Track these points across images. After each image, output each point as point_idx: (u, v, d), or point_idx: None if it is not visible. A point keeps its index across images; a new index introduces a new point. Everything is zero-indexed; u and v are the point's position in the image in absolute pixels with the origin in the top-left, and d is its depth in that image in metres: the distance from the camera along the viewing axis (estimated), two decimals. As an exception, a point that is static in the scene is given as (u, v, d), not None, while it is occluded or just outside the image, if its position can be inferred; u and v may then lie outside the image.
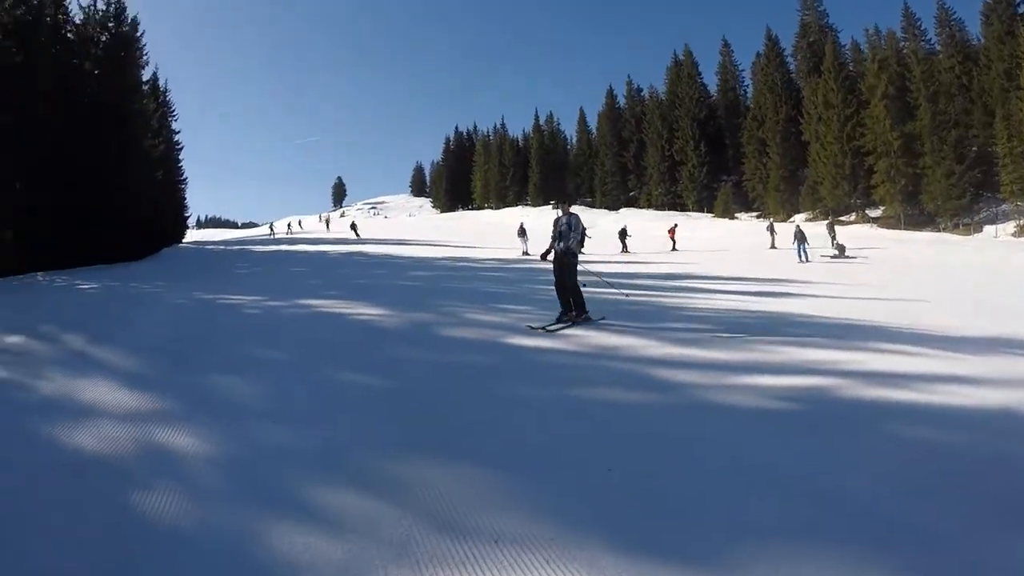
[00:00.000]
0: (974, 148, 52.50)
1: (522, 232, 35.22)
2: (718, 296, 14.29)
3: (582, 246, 10.19)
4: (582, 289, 10.13)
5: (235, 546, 3.18)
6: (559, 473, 4.03)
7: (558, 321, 9.69)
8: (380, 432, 4.89)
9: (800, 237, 28.59)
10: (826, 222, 37.76)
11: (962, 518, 3.32)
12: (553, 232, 10.30)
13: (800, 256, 27.77)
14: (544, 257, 10.49)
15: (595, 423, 5.07)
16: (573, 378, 6.60)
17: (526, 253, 32.36)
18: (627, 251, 34.50)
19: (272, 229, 77.13)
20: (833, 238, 32.28)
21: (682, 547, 3.10)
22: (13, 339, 9.28)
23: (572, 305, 9.86)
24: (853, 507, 3.45)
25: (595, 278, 12.17)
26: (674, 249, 35.93)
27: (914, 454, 4.30)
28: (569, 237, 9.98)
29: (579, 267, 10.08)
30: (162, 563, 3.08)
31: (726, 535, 3.20)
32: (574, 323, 9.63)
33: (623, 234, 36.52)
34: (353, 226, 58.58)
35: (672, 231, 39.00)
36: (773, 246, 34.95)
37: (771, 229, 37.35)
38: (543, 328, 9.21)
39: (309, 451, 4.48)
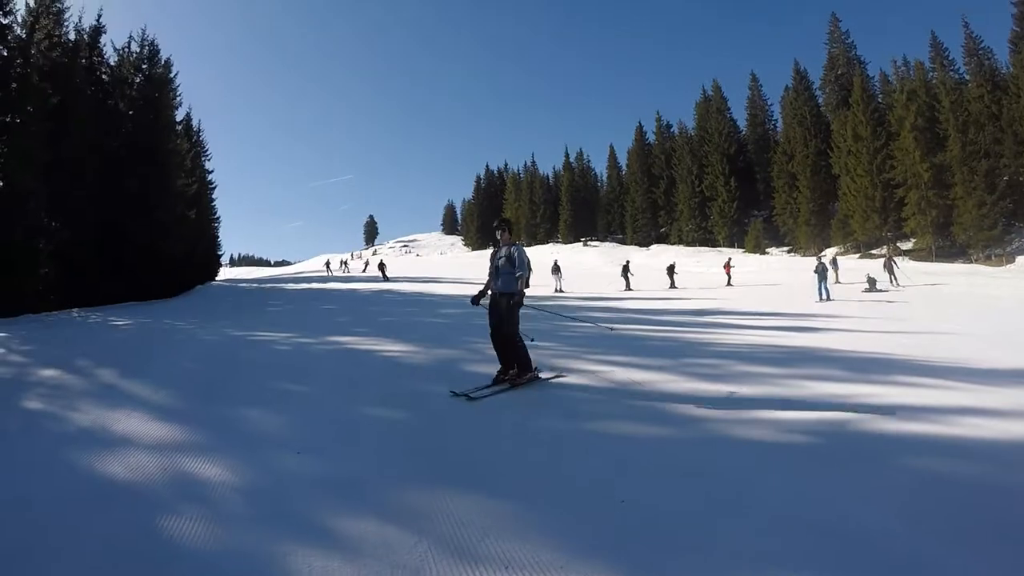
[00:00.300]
0: (1005, 177, 51.94)
1: (556, 269, 35.36)
2: (744, 332, 14.25)
3: (527, 285, 8.08)
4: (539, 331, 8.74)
5: (257, 569, 3.31)
6: (573, 503, 4.13)
7: (493, 383, 7.98)
8: (400, 463, 5.02)
9: (821, 272, 25.86)
10: (883, 257, 34.95)
11: (980, 553, 3.36)
12: (489, 268, 8.46)
13: (820, 294, 25.06)
14: (476, 301, 8.71)
15: (611, 456, 5.15)
16: (592, 412, 6.68)
17: (559, 290, 32.42)
18: (675, 287, 34.31)
19: (328, 267, 69.01)
20: (892, 274, 30.85)
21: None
22: (49, 372, 9.52)
23: (512, 362, 8.12)
24: (867, 541, 3.50)
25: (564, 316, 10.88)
26: (729, 284, 35.61)
27: (933, 488, 4.34)
28: (512, 276, 8.03)
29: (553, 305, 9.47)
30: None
31: (737, 568, 3.27)
32: (514, 386, 7.86)
33: (671, 270, 36.44)
34: (381, 266, 50.81)
35: (727, 266, 38.68)
36: (837, 281, 33.12)
37: (834, 264, 35.46)
38: (466, 395, 7.37)
39: (331, 480, 4.61)
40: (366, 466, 4.93)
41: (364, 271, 66.32)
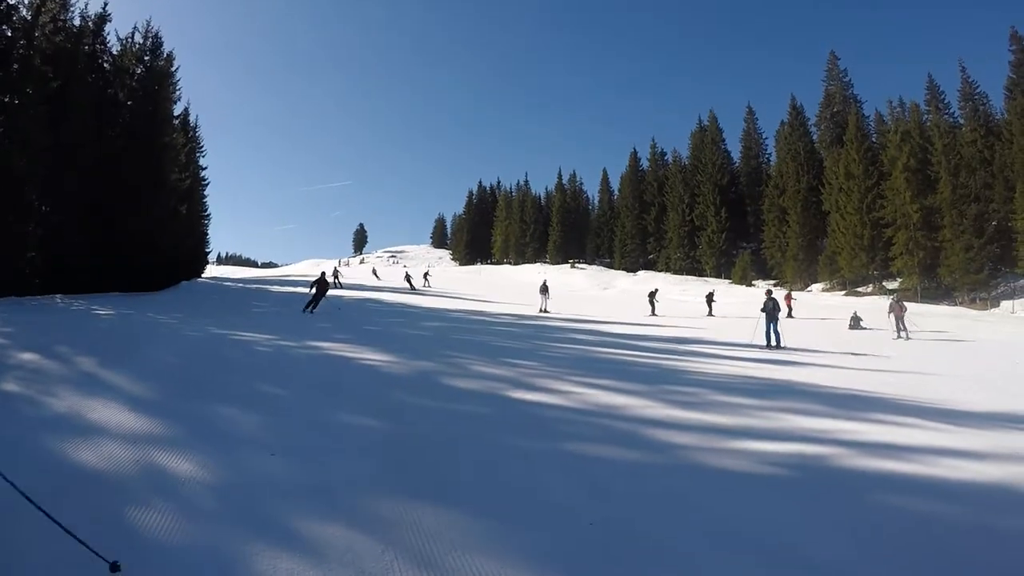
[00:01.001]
0: (994, 222, 52.10)
1: (544, 289, 35.10)
2: (727, 362, 14.28)
3: None
4: None
5: (222, 566, 3.26)
6: (544, 522, 4.09)
7: None
8: (371, 471, 4.98)
9: (771, 311, 20.10)
10: (889, 300, 28.12)
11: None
12: None
13: (769, 338, 19.31)
14: None
15: (585, 477, 5.12)
16: (570, 433, 6.65)
17: (544, 310, 32.16)
18: (712, 315, 33.73)
19: (410, 280, 50.11)
20: (899, 319, 25.18)
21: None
22: (28, 356, 9.42)
23: None
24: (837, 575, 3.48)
25: None
26: (790, 315, 34.61)
27: (905, 526, 4.34)
28: None
29: None
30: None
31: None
32: None
33: (710, 298, 36.07)
34: (425, 276, 48.82)
35: (788, 297, 37.56)
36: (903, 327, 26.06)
37: (900, 304, 27.66)
38: None
39: (302, 484, 4.56)
40: (338, 472, 4.89)
41: (377, 278, 58.96)
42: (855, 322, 28.35)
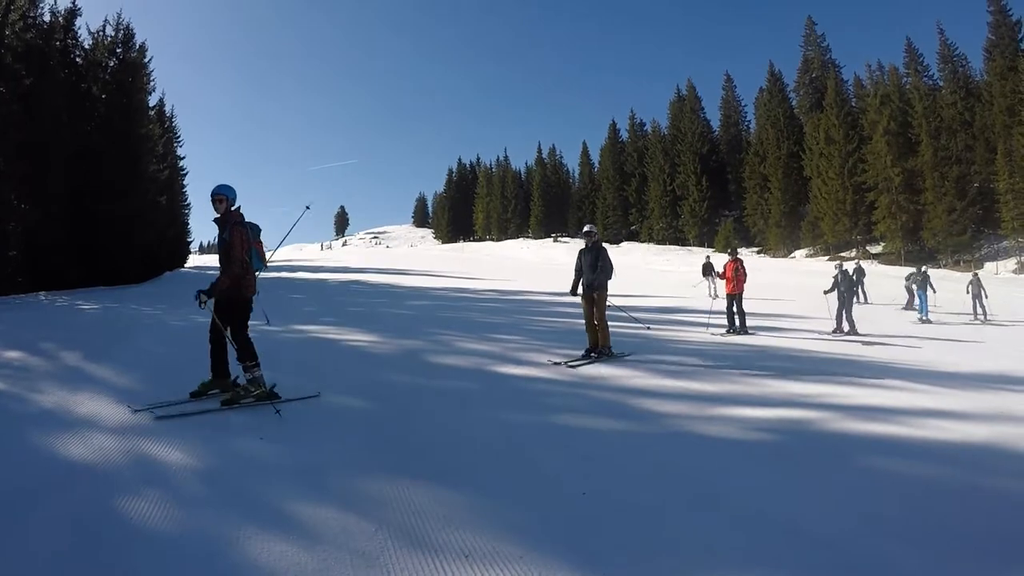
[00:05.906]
0: (975, 184, 52.31)
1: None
2: (709, 328, 14.33)
3: None
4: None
5: (214, 551, 3.27)
6: (534, 495, 4.10)
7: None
8: (361, 451, 4.98)
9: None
10: (970, 277, 22.39)
11: (941, 555, 3.36)
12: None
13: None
14: None
15: (574, 449, 5.14)
16: (557, 406, 6.69)
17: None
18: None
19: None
20: (980, 301, 20.83)
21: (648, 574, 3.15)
22: (13, 354, 9.35)
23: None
24: (830, 542, 3.49)
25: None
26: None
27: (893, 488, 4.37)
28: None
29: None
30: (145, 564, 3.16)
31: (698, 565, 3.24)
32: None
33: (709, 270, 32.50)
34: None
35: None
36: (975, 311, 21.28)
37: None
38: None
39: (292, 467, 4.55)
40: (327, 454, 4.88)
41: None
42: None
